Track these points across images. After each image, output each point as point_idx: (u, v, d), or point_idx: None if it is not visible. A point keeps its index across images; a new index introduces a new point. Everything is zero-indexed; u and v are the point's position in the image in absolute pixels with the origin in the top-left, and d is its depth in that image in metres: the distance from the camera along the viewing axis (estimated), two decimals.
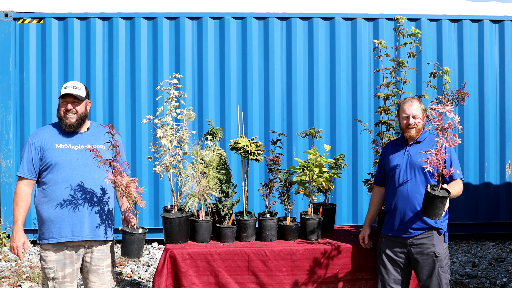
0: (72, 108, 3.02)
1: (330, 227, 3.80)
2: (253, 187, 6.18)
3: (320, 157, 3.55)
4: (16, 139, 6.23)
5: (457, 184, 3.10)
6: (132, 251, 3.00)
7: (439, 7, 7.24)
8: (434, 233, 3.12)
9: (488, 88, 6.59)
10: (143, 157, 6.25)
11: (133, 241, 2.99)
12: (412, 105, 3.21)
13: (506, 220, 6.62)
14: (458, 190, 3.09)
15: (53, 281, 2.97)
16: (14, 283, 4.94)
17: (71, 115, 3.03)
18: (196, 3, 6.91)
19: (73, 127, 3.04)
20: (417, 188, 3.13)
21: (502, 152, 6.61)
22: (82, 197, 2.97)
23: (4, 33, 6.19)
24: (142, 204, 2.97)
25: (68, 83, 3.11)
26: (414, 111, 3.20)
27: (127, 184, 2.89)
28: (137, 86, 6.31)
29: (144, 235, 3.04)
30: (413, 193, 3.13)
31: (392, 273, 3.20)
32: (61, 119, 3.04)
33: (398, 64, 3.91)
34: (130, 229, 3.02)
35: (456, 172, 3.12)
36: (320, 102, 6.43)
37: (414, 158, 3.18)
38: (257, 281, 3.29)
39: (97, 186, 3.02)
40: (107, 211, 3.07)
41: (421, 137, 3.25)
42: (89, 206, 2.99)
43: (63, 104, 3.03)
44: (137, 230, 3.02)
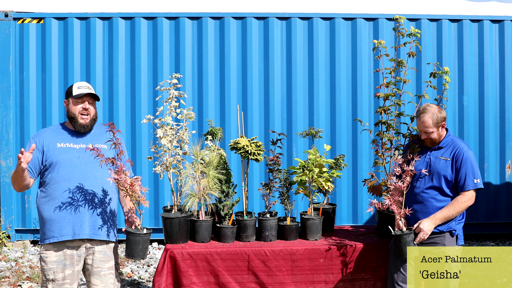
0: (89, 108, 3.02)
1: (330, 227, 3.81)
2: (253, 187, 6.18)
3: (320, 157, 3.55)
4: (16, 139, 6.23)
5: (456, 203, 3.12)
6: (137, 252, 2.98)
7: (439, 7, 7.24)
8: (447, 234, 3.15)
9: (488, 88, 6.58)
10: (143, 157, 6.25)
11: (138, 242, 2.96)
12: (424, 122, 3.20)
13: (506, 220, 6.62)
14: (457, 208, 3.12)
15: (53, 282, 2.93)
16: (14, 283, 4.94)
17: (86, 115, 3.02)
18: (196, 3, 6.91)
19: (87, 128, 3.04)
20: (432, 194, 3.17)
21: (502, 152, 6.61)
22: (83, 195, 2.95)
23: (4, 33, 6.19)
24: (146, 203, 2.95)
25: (80, 83, 3.08)
26: (426, 128, 3.20)
27: (131, 182, 2.86)
28: (137, 86, 6.31)
29: (148, 236, 3.03)
30: (429, 199, 3.17)
31: (402, 272, 3.20)
32: (74, 119, 3.02)
33: (398, 64, 3.90)
34: (134, 229, 3.00)
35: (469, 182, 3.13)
36: (320, 102, 6.43)
37: (434, 164, 3.21)
38: (257, 281, 3.29)
39: (98, 185, 3.00)
40: (109, 211, 3.05)
41: (443, 142, 3.26)
42: (90, 204, 2.96)
43: (78, 104, 3.01)
44: (142, 231, 3.00)
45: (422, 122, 3.20)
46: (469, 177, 3.12)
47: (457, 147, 3.19)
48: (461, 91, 6.57)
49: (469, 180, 3.11)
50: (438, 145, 3.25)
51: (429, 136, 3.21)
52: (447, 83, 3.88)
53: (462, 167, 3.12)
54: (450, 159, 3.16)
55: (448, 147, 3.22)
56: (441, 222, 3.11)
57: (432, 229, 3.09)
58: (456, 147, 3.20)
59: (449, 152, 3.19)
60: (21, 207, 6.26)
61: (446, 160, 3.17)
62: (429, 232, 3.08)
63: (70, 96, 3.03)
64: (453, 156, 3.17)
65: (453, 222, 3.15)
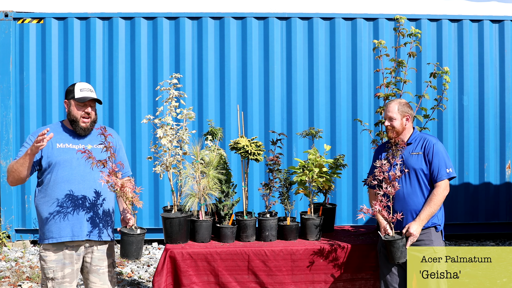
0: (91, 112, 3.03)
1: (330, 227, 3.80)
2: (253, 187, 6.18)
3: (320, 157, 3.55)
4: (16, 139, 6.23)
5: (434, 198, 3.12)
6: (131, 252, 2.98)
7: (439, 7, 7.24)
8: (432, 229, 3.16)
9: (488, 88, 6.59)
10: (143, 157, 6.25)
11: (132, 242, 2.97)
12: (389, 107, 3.26)
13: (506, 220, 6.62)
14: (436, 202, 3.12)
15: (52, 281, 2.96)
16: (14, 283, 4.94)
17: (87, 119, 3.03)
18: (196, 3, 6.91)
19: (87, 131, 3.04)
20: (412, 189, 3.17)
21: (502, 152, 6.61)
22: (82, 197, 2.96)
23: (4, 33, 6.19)
24: (139, 204, 2.95)
25: (82, 85, 3.07)
26: (390, 113, 3.24)
27: (122, 184, 2.87)
28: (137, 86, 6.31)
29: (142, 236, 3.02)
30: (409, 195, 3.17)
31: (394, 273, 3.20)
32: (75, 122, 3.02)
33: (398, 64, 3.91)
34: (128, 230, 3.00)
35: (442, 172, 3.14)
36: (320, 102, 6.43)
37: (407, 160, 3.21)
38: (257, 280, 3.29)
39: (97, 186, 3.01)
40: (107, 211, 3.07)
41: (411, 138, 3.27)
42: (89, 206, 2.98)
43: (80, 108, 3.01)
44: (135, 231, 3.01)
45: (387, 108, 3.27)
46: (442, 167, 3.14)
47: (426, 140, 3.22)
48: (461, 91, 6.57)
49: (442, 170, 3.13)
50: (407, 141, 3.25)
51: (392, 123, 3.22)
52: (447, 83, 3.89)
53: (434, 159, 3.14)
54: (421, 153, 3.18)
55: (418, 142, 3.24)
56: (427, 221, 3.12)
57: (420, 230, 3.11)
58: (425, 140, 3.22)
59: (420, 146, 3.21)
60: (21, 207, 6.26)
61: (418, 155, 3.18)
62: (418, 235, 3.10)
63: (71, 98, 3.02)
64: (424, 149, 3.18)
65: (435, 217, 3.16)
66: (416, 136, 3.28)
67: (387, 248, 3.08)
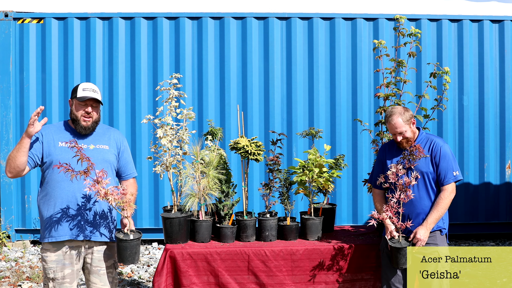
0: (92, 112, 3.02)
1: (330, 227, 3.80)
2: (253, 187, 6.18)
3: (320, 157, 3.55)
4: (16, 139, 6.23)
5: (441, 201, 3.10)
6: (125, 257, 2.94)
7: (439, 7, 7.24)
8: (437, 233, 3.14)
9: (488, 88, 6.58)
10: (143, 157, 6.25)
11: (125, 248, 2.93)
12: (395, 123, 3.16)
13: (506, 220, 6.62)
14: (444, 205, 3.11)
15: (53, 281, 2.97)
16: (14, 283, 4.94)
17: (88, 118, 3.03)
18: (196, 3, 6.91)
19: (88, 130, 3.04)
20: (420, 192, 3.15)
21: (502, 152, 6.61)
22: (82, 196, 2.96)
23: (4, 33, 6.19)
24: (130, 209, 2.91)
25: (86, 85, 3.06)
26: (399, 128, 3.16)
27: (105, 193, 2.82)
28: (137, 86, 6.31)
29: (137, 241, 2.97)
30: (416, 198, 3.13)
31: (398, 274, 3.20)
32: (76, 121, 3.02)
33: (398, 64, 3.91)
34: (124, 235, 2.96)
35: (449, 176, 3.12)
36: (320, 102, 6.43)
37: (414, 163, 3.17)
38: (257, 281, 3.29)
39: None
40: (107, 212, 3.06)
41: (418, 140, 3.25)
42: (89, 206, 2.98)
43: (81, 107, 3.01)
44: (129, 236, 2.96)
45: (393, 125, 3.17)
46: (449, 171, 3.12)
47: (433, 142, 3.19)
48: (461, 91, 6.57)
49: (449, 173, 3.12)
50: (414, 144, 3.20)
51: (404, 135, 3.17)
52: (447, 83, 3.89)
53: (441, 162, 3.12)
54: (429, 155, 3.16)
55: (424, 144, 3.21)
56: (434, 224, 3.11)
57: (428, 235, 3.09)
58: (432, 142, 3.19)
59: (427, 148, 3.18)
60: (21, 207, 6.26)
61: (426, 157, 3.15)
62: (426, 240, 3.08)
63: (74, 97, 3.04)
64: (431, 152, 3.16)
65: (440, 220, 3.15)
66: (422, 137, 3.25)
67: (393, 253, 3.06)
